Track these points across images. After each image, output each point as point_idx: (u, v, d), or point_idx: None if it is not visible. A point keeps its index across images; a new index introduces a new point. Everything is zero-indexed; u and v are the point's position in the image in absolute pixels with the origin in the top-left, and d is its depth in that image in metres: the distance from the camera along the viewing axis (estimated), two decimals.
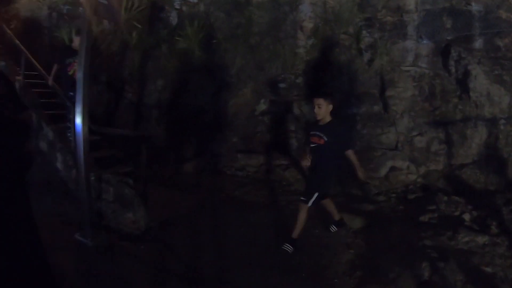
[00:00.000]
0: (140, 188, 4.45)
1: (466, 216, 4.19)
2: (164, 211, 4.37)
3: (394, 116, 6.11)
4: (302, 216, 3.62)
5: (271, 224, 4.25)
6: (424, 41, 5.95)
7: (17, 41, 7.19)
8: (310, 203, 3.62)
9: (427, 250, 3.54)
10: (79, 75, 4.03)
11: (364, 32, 6.62)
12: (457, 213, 4.31)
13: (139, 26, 6.27)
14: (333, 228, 4.08)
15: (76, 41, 5.11)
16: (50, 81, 5.28)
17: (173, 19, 6.60)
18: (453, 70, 5.64)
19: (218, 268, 3.38)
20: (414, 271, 3.25)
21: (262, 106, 5.96)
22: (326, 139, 3.66)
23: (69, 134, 5.18)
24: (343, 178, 5.20)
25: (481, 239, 3.64)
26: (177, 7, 6.62)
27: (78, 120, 4.11)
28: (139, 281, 3.15)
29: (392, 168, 5.80)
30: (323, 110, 3.68)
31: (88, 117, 4.20)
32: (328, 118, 3.75)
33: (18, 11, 9.88)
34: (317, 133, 3.75)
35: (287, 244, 3.60)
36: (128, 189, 4.31)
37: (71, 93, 5.16)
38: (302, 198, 3.70)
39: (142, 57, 6.00)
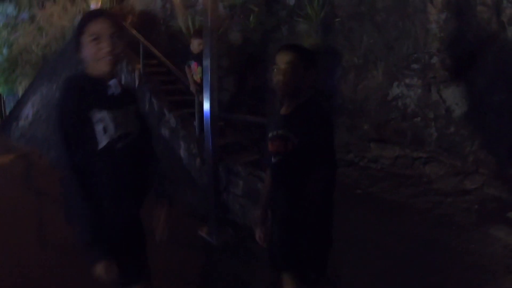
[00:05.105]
0: None
1: None
2: None
3: None
4: None
5: (412, 232, 3.59)
6: None
7: (134, 32, 7.43)
8: None
9: None
10: (206, 63, 3.89)
11: (504, 2, 5.55)
12: None
13: (256, 9, 5.99)
14: None
15: (195, 44, 4.86)
16: (192, 87, 5.01)
17: None
18: None
19: (350, 277, 2.92)
20: None
21: (395, 90, 5.24)
22: (295, 141, 1.73)
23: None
24: None
25: None
26: None
27: (206, 106, 3.95)
28: None
29: None
30: (292, 78, 1.73)
31: (217, 105, 3.99)
32: (299, 99, 1.79)
33: (132, 6, 10.42)
34: (279, 131, 1.82)
35: None
36: (261, 184, 3.96)
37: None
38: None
39: (262, 41, 5.70)
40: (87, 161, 1.46)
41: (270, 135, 1.88)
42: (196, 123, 4.80)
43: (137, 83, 6.19)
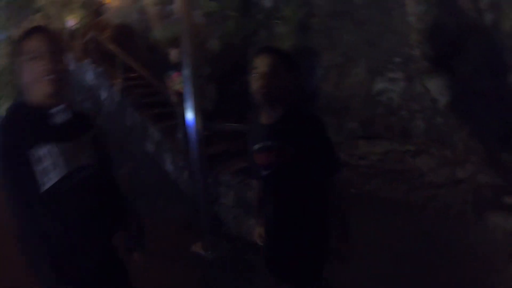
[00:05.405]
0: None
1: None
2: None
3: None
4: None
5: (410, 228, 3.52)
6: None
7: (111, 47, 7.31)
8: None
9: None
10: (186, 72, 3.74)
11: None
12: None
13: (233, 13, 5.91)
14: None
15: (173, 53, 4.73)
16: (173, 98, 4.85)
17: (267, 1, 6.11)
18: None
19: (353, 282, 2.68)
20: None
21: (379, 85, 5.20)
22: (291, 151, 1.57)
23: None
24: None
25: None
26: None
27: (190, 116, 3.79)
28: None
29: None
30: (274, 82, 1.56)
31: (201, 114, 3.85)
32: (284, 105, 1.61)
33: (109, 20, 10.28)
34: (266, 142, 1.64)
35: None
36: (251, 192, 3.86)
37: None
38: None
39: (241, 45, 5.61)
40: (36, 204, 1.22)
41: (256, 147, 1.68)
42: (180, 134, 4.67)
43: (117, 97, 6.06)
